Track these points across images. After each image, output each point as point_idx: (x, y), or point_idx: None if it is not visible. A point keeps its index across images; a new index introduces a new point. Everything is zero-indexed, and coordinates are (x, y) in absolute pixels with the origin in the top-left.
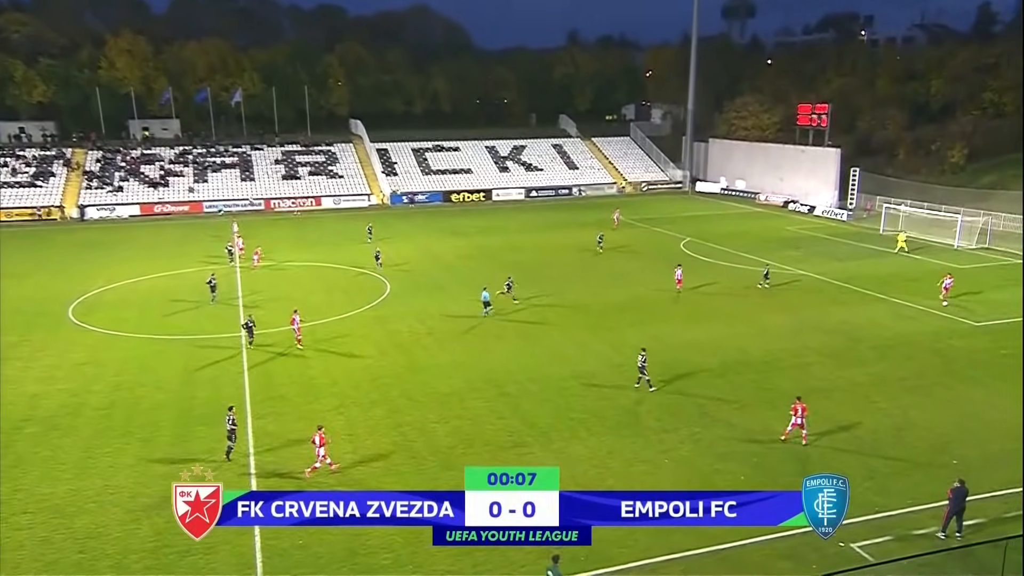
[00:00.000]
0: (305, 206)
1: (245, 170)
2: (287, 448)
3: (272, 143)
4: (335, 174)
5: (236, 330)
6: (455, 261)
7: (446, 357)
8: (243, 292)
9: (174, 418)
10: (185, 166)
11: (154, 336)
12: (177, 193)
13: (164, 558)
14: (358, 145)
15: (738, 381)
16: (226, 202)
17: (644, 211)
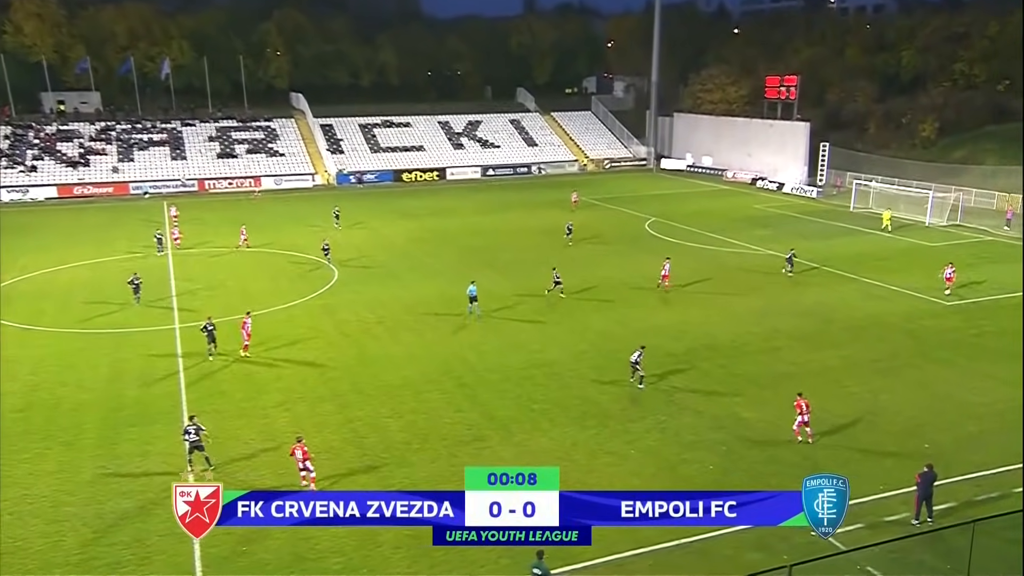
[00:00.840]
0: (244, 187)
1: (176, 148)
2: (224, 446)
3: (205, 118)
4: (275, 152)
5: (168, 322)
6: (407, 245)
7: (399, 348)
8: (176, 281)
9: (100, 420)
10: (108, 144)
11: (76, 330)
12: (99, 173)
13: (91, 572)
14: (300, 121)
15: (705, 367)
16: (155, 183)
17: (607, 190)
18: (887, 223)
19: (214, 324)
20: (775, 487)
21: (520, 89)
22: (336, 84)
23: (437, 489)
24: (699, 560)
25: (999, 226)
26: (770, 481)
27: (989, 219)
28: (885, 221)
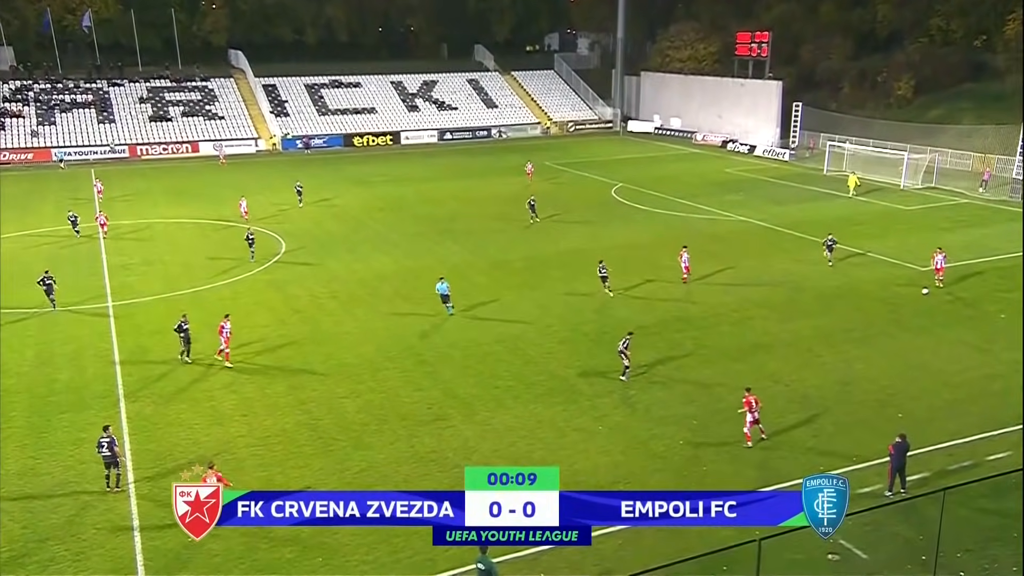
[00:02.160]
0: (180, 153)
1: (103, 110)
2: (166, 432)
3: (135, 78)
4: (214, 115)
5: (101, 300)
6: (361, 215)
7: (354, 324)
8: (108, 256)
9: (27, 406)
10: (25, 105)
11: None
12: (16, 138)
13: (21, 569)
14: (240, 80)
15: (676, 339)
16: (80, 149)
17: (571, 154)
18: (853, 188)
19: (189, 324)
20: (746, 462)
21: (478, 47)
22: (279, 40)
23: (395, 471)
24: (669, 537)
25: (974, 188)
26: (740, 455)
27: (965, 181)
28: (851, 186)
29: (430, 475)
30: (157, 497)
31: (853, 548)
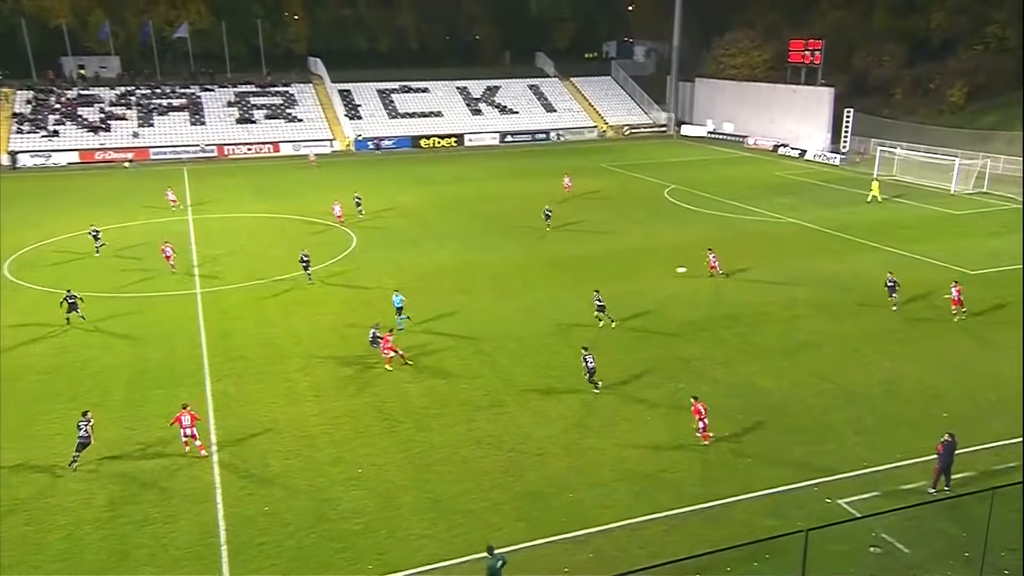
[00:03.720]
0: (263, 152)
1: (195, 113)
2: (247, 409)
3: (224, 83)
4: (294, 117)
5: (191, 287)
6: (426, 212)
7: (418, 314)
8: (197, 248)
9: (125, 382)
10: (128, 108)
11: (99, 294)
12: (120, 138)
13: (120, 528)
14: (318, 86)
15: (724, 336)
16: (175, 148)
17: (626, 157)
18: (875, 193)
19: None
20: (791, 456)
21: (539, 54)
22: (354, 49)
23: (454, 452)
24: (715, 525)
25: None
26: (783, 449)
27: (1017, 187)
28: (873, 192)
29: (487, 458)
30: (237, 468)
31: (895, 542)
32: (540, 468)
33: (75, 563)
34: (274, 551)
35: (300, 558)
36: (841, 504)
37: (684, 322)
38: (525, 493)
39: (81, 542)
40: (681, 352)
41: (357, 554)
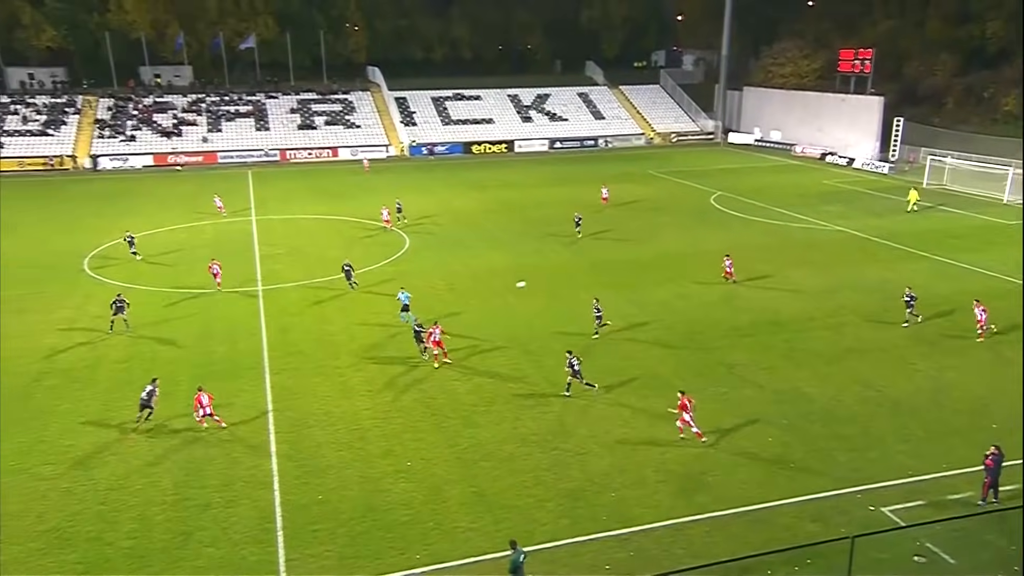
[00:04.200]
0: (323, 157)
1: (260, 119)
2: (303, 401)
3: (287, 91)
4: (352, 124)
5: (253, 284)
6: (476, 216)
7: (467, 314)
8: (260, 248)
9: (191, 373)
10: (198, 115)
11: (169, 290)
12: (191, 143)
13: (185, 511)
14: (376, 93)
15: (769, 342)
16: (240, 153)
17: (672, 163)
18: (912, 203)
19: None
20: (835, 463)
21: (589, 63)
22: (410, 58)
23: (499, 448)
24: (757, 528)
25: None
26: (828, 456)
27: None
28: (911, 202)
29: (531, 455)
30: (293, 457)
31: (941, 552)
32: (583, 467)
33: (144, 541)
34: (327, 538)
35: (351, 545)
36: (885, 512)
37: (729, 328)
38: (568, 491)
39: (149, 522)
40: (725, 357)
41: (405, 544)
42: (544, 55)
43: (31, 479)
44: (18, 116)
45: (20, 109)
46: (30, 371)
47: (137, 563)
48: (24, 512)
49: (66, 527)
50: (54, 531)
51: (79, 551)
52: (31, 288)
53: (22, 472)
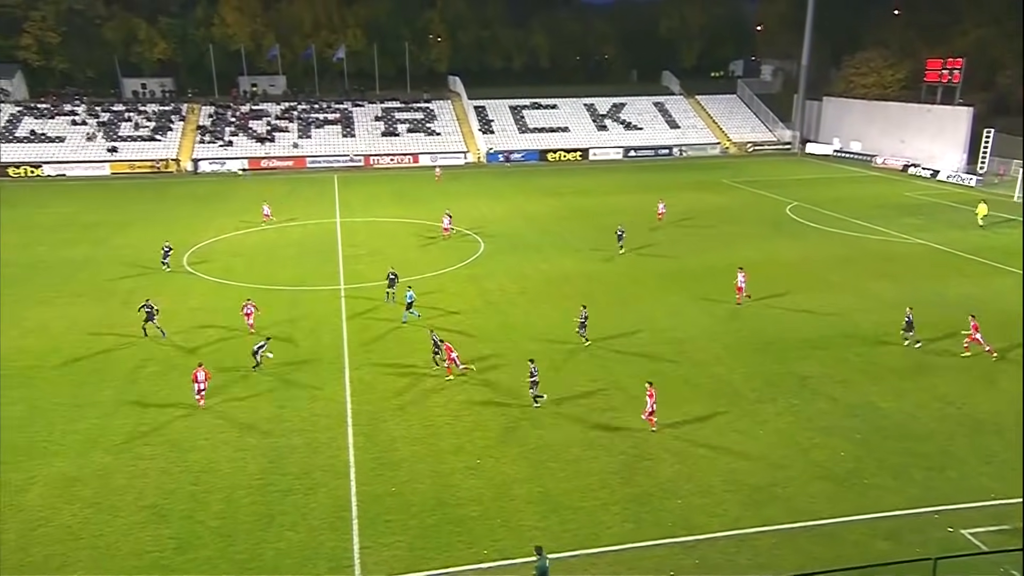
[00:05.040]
0: (404, 163)
1: (346, 126)
2: (379, 396)
3: (373, 99)
4: (433, 131)
5: (335, 282)
6: (550, 222)
7: (538, 317)
8: (343, 249)
9: (277, 364)
10: (290, 122)
11: (259, 286)
12: (282, 148)
13: (269, 495)
14: (456, 102)
15: (844, 355)
16: (328, 158)
17: (748, 173)
18: (981, 217)
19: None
20: (910, 481)
21: (666, 72)
22: (490, 68)
23: (566, 450)
24: (825, 543)
25: None
26: (903, 473)
27: None
28: (980, 215)
29: (598, 458)
30: (369, 450)
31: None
32: (650, 472)
33: (230, 522)
34: (399, 528)
35: (422, 537)
36: (965, 535)
37: (802, 339)
38: (634, 495)
39: (235, 504)
40: (798, 368)
41: (474, 539)
42: (621, 65)
43: (134, 458)
44: (131, 123)
45: (133, 116)
46: (134, 358)
47: (224, 541)
48: (127, 488)
49: (162, 504)
50: (152, 507)
51: (173, 527)
52: (138, 282)
53: (126, 452)
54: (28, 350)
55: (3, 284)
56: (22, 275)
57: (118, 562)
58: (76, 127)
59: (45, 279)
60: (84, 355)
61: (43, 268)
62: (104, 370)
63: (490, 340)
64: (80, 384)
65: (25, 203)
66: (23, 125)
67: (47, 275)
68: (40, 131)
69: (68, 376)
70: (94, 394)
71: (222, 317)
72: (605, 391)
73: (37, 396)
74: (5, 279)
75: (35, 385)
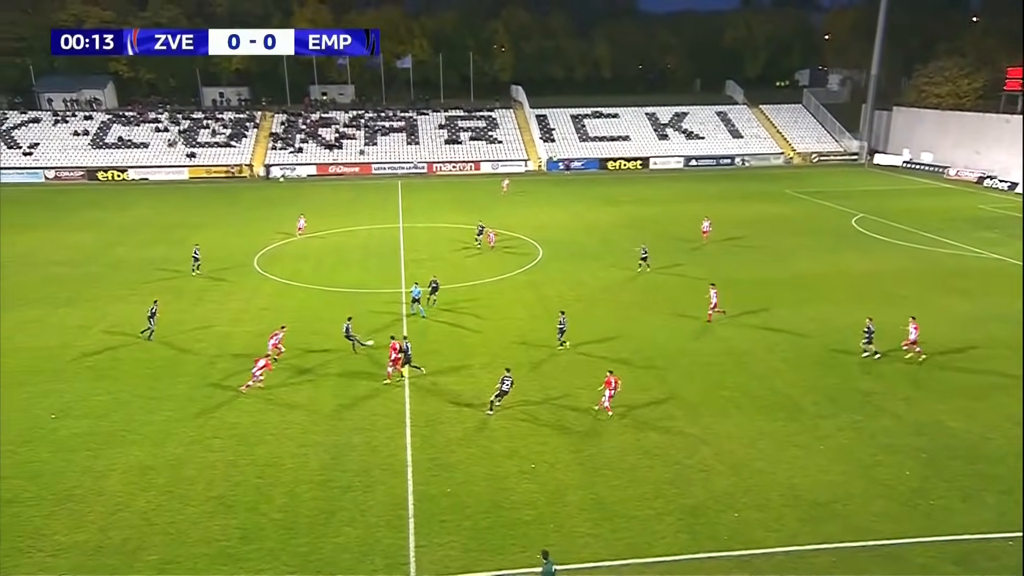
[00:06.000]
0: (465, 170)
1: (411, 134)
2: (437, 398)
3: (437, 108)
4: (494, 139)
5: (396, 285)
6: (609, 230)
7: (594, 325)
8: (405, 253)
9: (339, 365)
10: (357, 130)
11: (324, 288)
12: (349, 155)
13: (329, 491)
14: (518, 111)
15: (909, 370)
16: (392, 164)
17: (812, 184)
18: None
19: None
20: (981, 504)
21: (729, 82)
22: (552, 77)
23: (621, 459)
24: (889, 564)
25: None
26: (973, 495)
27: None
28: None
29: (653, 468)
30: (426, 450)
31: None
32: (705, 484)
33: (292, 515)
34: (454, 529)
35: (476, 539)
36: None
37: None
38: (689, 507)
39: (298, 498)
40: (861, 384)
41: (527, 543)
42: (684, 74)
43: (204, 450)
44: (208, 129)
45: (211, 123)
46: (207, 354)
47: (287, 533)
48: (197, 478)
49: (229, 495)
50: (219, 498)
51: (239, 518)
52: (211, 281)
53: (197, 444)
54: (111, 344)
55: (87, 282)
56: (105, 273)
57: (188, 548)
58: (159, 134)
59: (124, 277)
60: (160, 350)
61: (123, 267)
62: (179, 365)
63: (546, 344)
64: (157, 378)
65: (110, 205)
66: (112, 132)
67: (127, 273)
68: (127, 137)
69: (146, 369)
70: (169, 387)
71: (288, 317)
72: (660, 402)
73: (119, 388)
74: (89, 277)
75: (117, 377)
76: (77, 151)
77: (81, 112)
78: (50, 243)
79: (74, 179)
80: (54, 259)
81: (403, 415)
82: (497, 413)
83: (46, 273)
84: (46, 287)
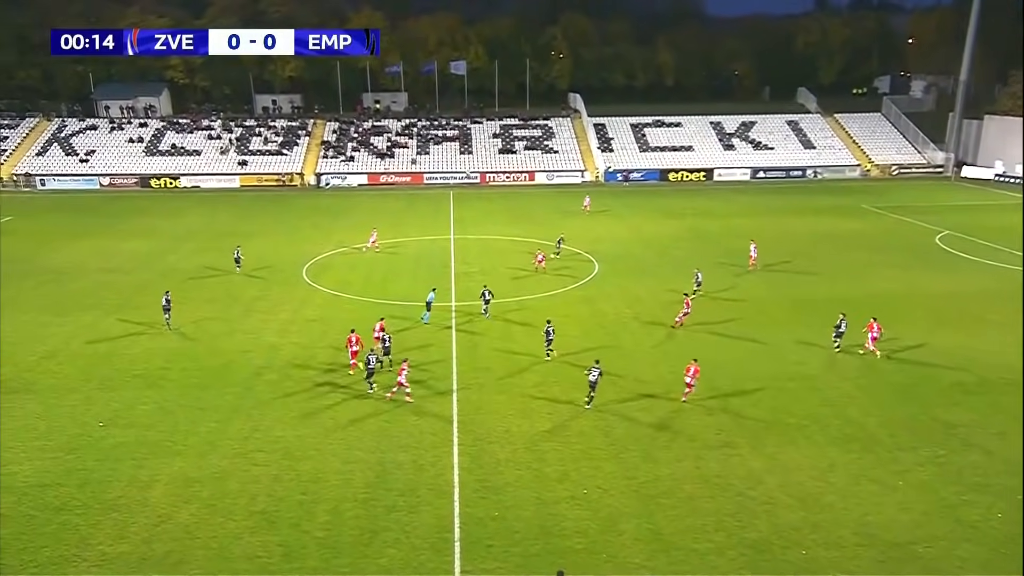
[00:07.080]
0: (520, 180)
1: (464, 143)
2: (486, 417)
3: (491, 116)
4: (550, 149)
5: (446, 299)
6: (667, 244)
7: (652, 344)
8: (456, 265)
9: (387, 379)
10: (410, 138)
11: (373, 300)
12: (401, 164)
13: (373, 510)
14: (575, 119)
15: (1001, 402)
16: (445, 174)
17: (891, 198)
18: None
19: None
20: None
21: (801, 89)
22: (612, 85)
23: (679, 487)
24: None
25: None
26: None
27: None
28: None
29: (714, 498)
30: (474, 471)
31: None
32: (770, 517)
33: (335, 533)
34: (501, 555)
35: (524, 566)
36: None
37: (952, 382)
38: (752, 541)
39: (341, 516)
40: (946, 415)
41: (578, 572)
42: (752, 82)
43: (247, 463)
44: (260, 137)
45: (263, 131)
46: (253, 365)
47: (329, 552)
48: (240, 492)
49: (272, 511)
50: (262, 513)
51: (281, 534)
52: (260, 291)
53: (241, 457)
54: (159, 352)
55: (136, 289)
56: (154, 281)
57: (230, 564)
58: (212, 141)
59: (173, 285)
60: (207, 359)
61: (173, 275)
62: (225, 375)
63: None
64: (203, 387)
65: (162, 212)
66: (166, 139)
67: (178, 281)
68: (180, 145)
69: (192, 379)
70: (215, 398)
71: (336, 329)
72: (721, 428)
73: (165, 397)
74: (139, 284)
75: (164, 387)
76: (131, 158)
77: (136, 119)
78: (104, 250)
79: (128, 186)
80: (106, 266)
81: (450, 433)
82: (547, 435)
83: (99, 280)
84: (100, 292)
